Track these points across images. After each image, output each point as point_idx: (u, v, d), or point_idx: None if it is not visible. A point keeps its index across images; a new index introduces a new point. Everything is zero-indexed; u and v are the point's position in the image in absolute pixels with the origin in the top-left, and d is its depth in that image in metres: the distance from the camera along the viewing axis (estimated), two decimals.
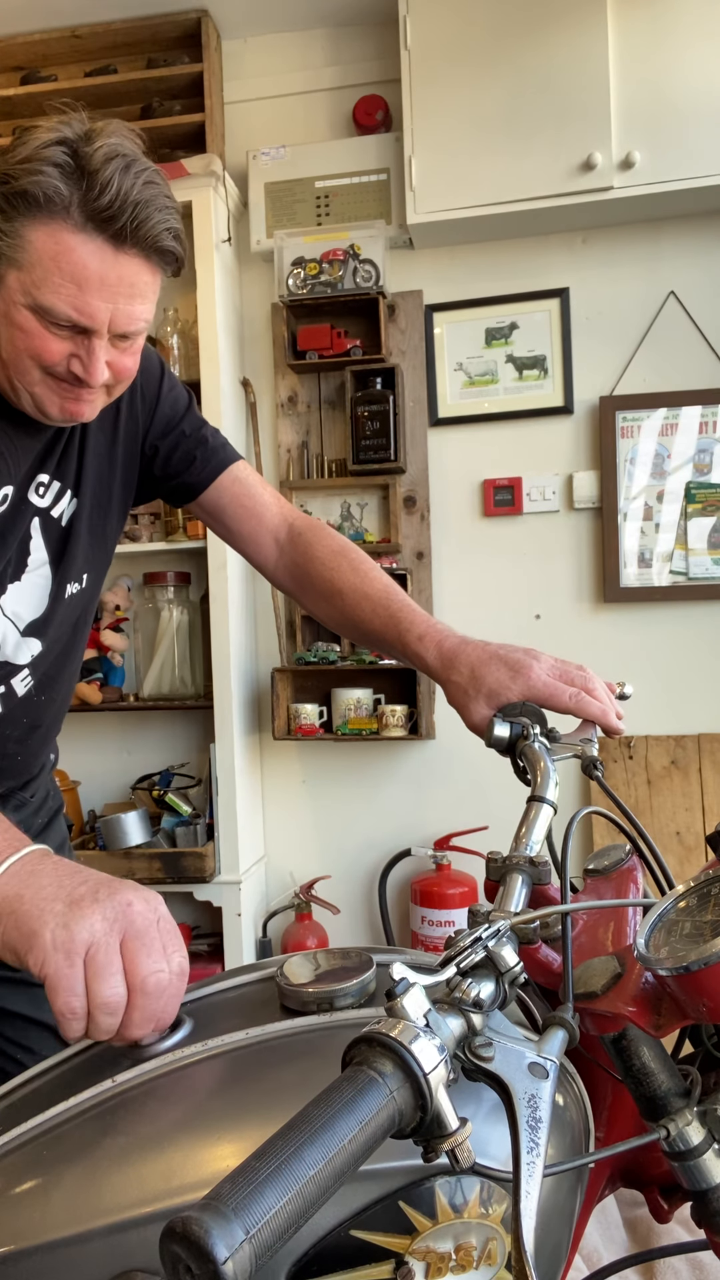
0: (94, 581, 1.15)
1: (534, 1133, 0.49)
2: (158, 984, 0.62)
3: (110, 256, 0.87)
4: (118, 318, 0.90)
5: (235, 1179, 0.40)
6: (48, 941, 0.62)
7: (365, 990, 0.68)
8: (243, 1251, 0.38)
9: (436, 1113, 0.47)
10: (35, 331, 0.88)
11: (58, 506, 1.06)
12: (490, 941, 0.55)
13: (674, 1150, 0.67)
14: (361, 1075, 0.46)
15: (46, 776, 1.28)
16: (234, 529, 1.20)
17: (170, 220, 0.89)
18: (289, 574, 1.19)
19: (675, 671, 2.60)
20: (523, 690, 0.92)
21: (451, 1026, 0.51)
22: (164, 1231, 0.38)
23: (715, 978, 0.57)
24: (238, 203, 2.73)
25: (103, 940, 0.62)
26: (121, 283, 0.88)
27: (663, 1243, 1.81)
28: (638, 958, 0.61)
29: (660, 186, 2.34)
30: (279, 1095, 0.60)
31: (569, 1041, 0.56)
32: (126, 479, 1.15)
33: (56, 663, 1.14)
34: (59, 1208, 0.57)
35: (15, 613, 1.05)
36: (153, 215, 0.87)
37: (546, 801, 0.76)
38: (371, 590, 1.10)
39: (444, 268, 2.69)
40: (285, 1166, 0.41)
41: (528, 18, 2.37)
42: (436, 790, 2.74)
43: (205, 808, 2.63)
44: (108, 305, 0.88)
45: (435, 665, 1.00)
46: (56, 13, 2.58)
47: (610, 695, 0.94)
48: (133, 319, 0.91)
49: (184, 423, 1.16)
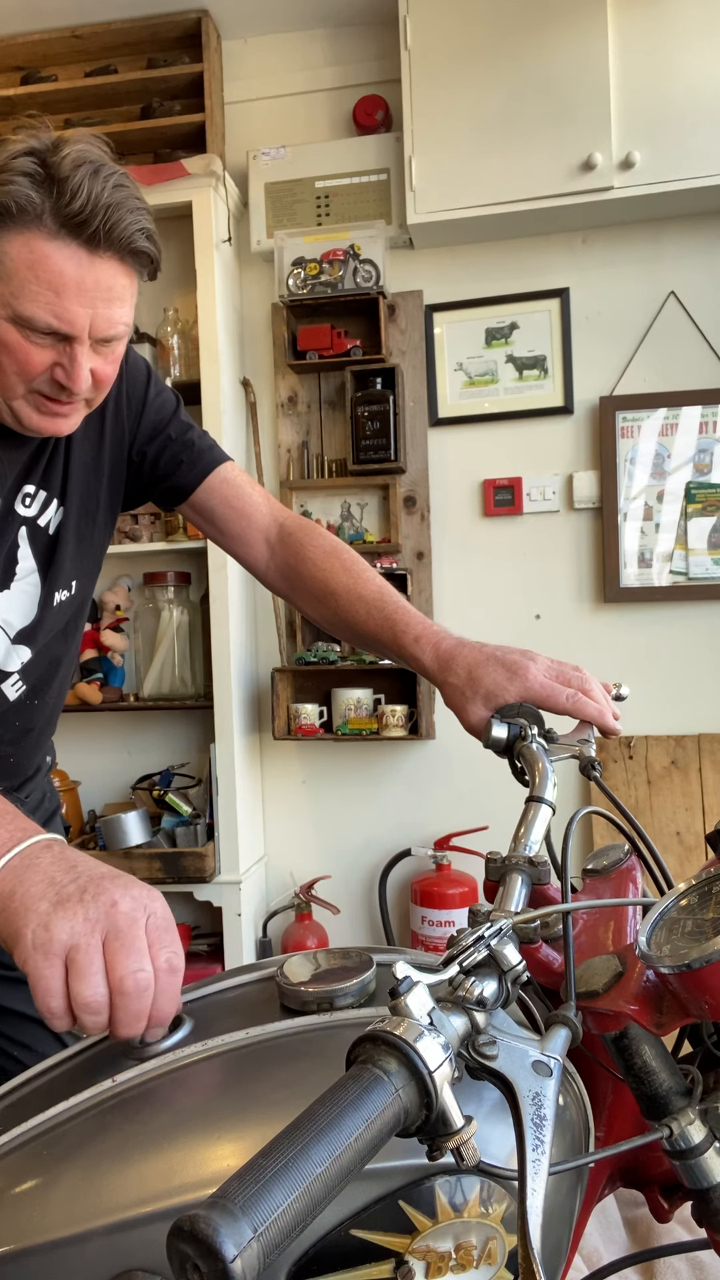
0: (83, 588, 1.15)
1: (538, 1130, 0.49)
2: (136, 984, 0.61)
3: (86, 261, 0.88)
4: (97, 322, 0.90)
5: (243, 1177, 0.40)
6: (28, 941, 0.62)
7: (365, 990, 0.68)
8: (251, 1250, 0.38)
9: (442, 1110, 0.47)
10: (17, 344, 0.89)
11: (44, 516, 1.07)
12: (493, 940, 0.55)
13: (675, 1149, 0.67)
14: (367, 1073, 0.46)
15: (43, 778, 1.28)
16: (224, 530, 1.20)
17: (142, 221, 0.90)
18: (280, 574, 1.19)
19: (675, 671, 2.60)
20: (520, 691, 0.92)
21: (455, 1025, 0.51)
22: (172, 1229, 0.38)
23: (716, 975, 0.57)
24: (238, 203, 2.73)
25: (83, 941, 0.61)
26: (99, 287, 0.89)
27: (663, 1242, 1.81)
28: (640, 956, 0.61)
29: (660, 186, 2.34)
30: (279, 1095, 0.60)
31: (572, 1040, 0.56)
32: (113, 486, 1.16)
33: (48, 668, 1.14)
34: (59, 1208, 0.57)
35: (6, 621, 1.06)
36: (125, 217, 0.87)
37: (545, 802, 0.76)
38: (365, 591, 1.09)
39: (444, 268, 2.69)
40: (292, 1164, 0.41)
41: (528, 18, 2.37)
42: (436, 790, 2.74)
43: (205, 808, 2.63)
44: (87, 310, 0.89)
45: (432, 667, 0.99)
46: (56, 13, 2.58)
47: (607, 696, 0.94)
48: (112, 323, 0.92)
49: (170, 427, 1.16)
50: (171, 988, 0.64)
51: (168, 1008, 0.64)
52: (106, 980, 0.61)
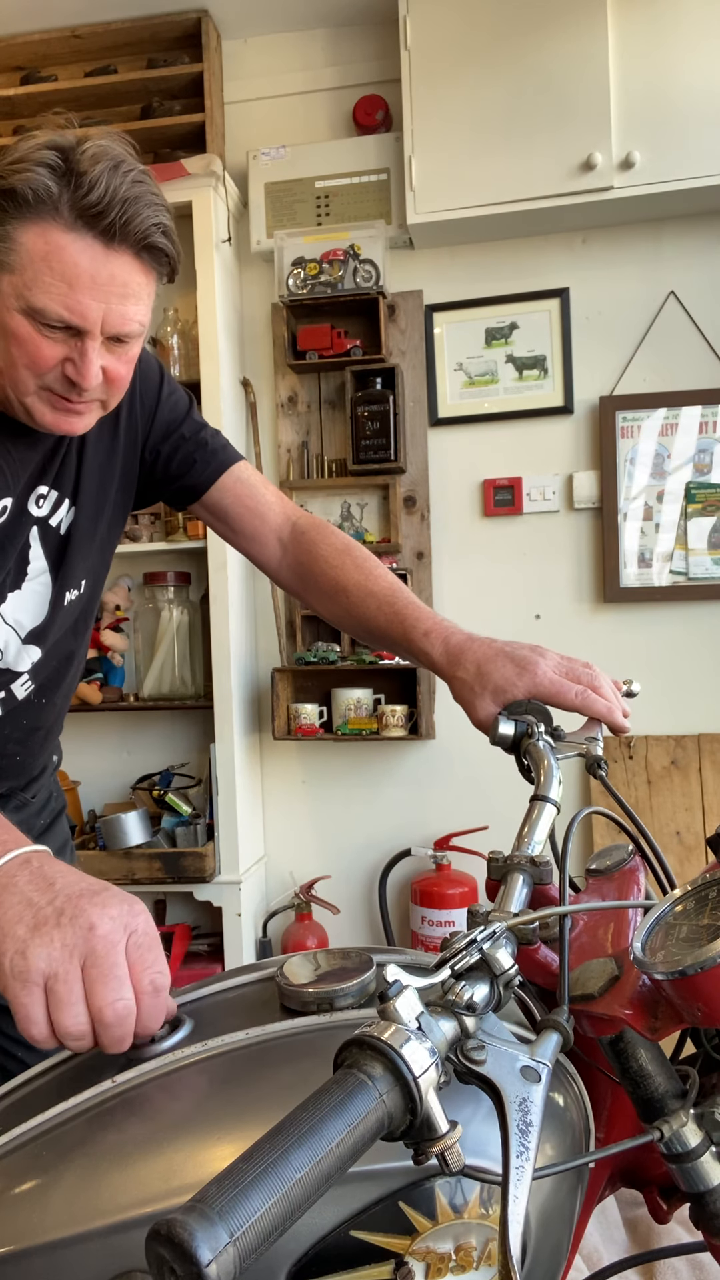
0: (93, 587, 1.15)
1: (524, 1137, 0.49)
2: (115, 1014, 0.60)
3: (100, 254, 0.87)
4: (110, 318, 0.90)
5: (221, 1182, 0.40)
6: (6, 969, 0.60)
7: (365, 990, 0.68)
8: (227, 1254, 0.38)
9: (427, 1116, 0.47)
10: (29, 336, 0.89)
11: (56, 515, 1.07)
12: (485, 944, 0.55)
13: (671, 1152, 0.67)
14: (351, 1078, 0.46)
15: (49, 778, 1.28)
16: (237, 529, 1.20)
17: (158, 216, 0.89)
18: (293, 573, 1.19)
19: (675, 671, 2.60)
20: (528, 687, 0.91)
21: (444, 1029, 0.50)
22: (149, 1233, 0.38)
23: (711, 982, 0.57)
24: (238, 203, 2.73)
25: (61, 969, 0.60)
26: (113, 281, 0.88)
27: (663, 1243, 1.81)
28: (634, 962, 0.61)
29: (660, 186, 2.34)
30: (279, 1095, 0.60)
31: (563, 1045, 0.55)
32: (125, 486, 1.15)
33: (58, 668, 1.14)
34: (58, 1208, 0.57)
35: (17, 620, 1.06)
36: (140, 211, 0.87)
37: (549, 801, 0.76)
38: (376, 588, 1.10)
39: (444, 268, 2.69)
40: (272, 1169, 0.41)
41: (528, 18, 2.37)
42: (436, 790, 2.74)
43: (205, 808, 2.63)
44: (100, 304, 0.88)
45: (441, 662, 0.99)
46: (56, 13, 2.58)
47: (617, 693, 0.94)
48: (125, 320, 0.91)
49: (184, 426, 1.16)
50: (155, 1009, 0.63)
51: (152, 1025, 0.63)
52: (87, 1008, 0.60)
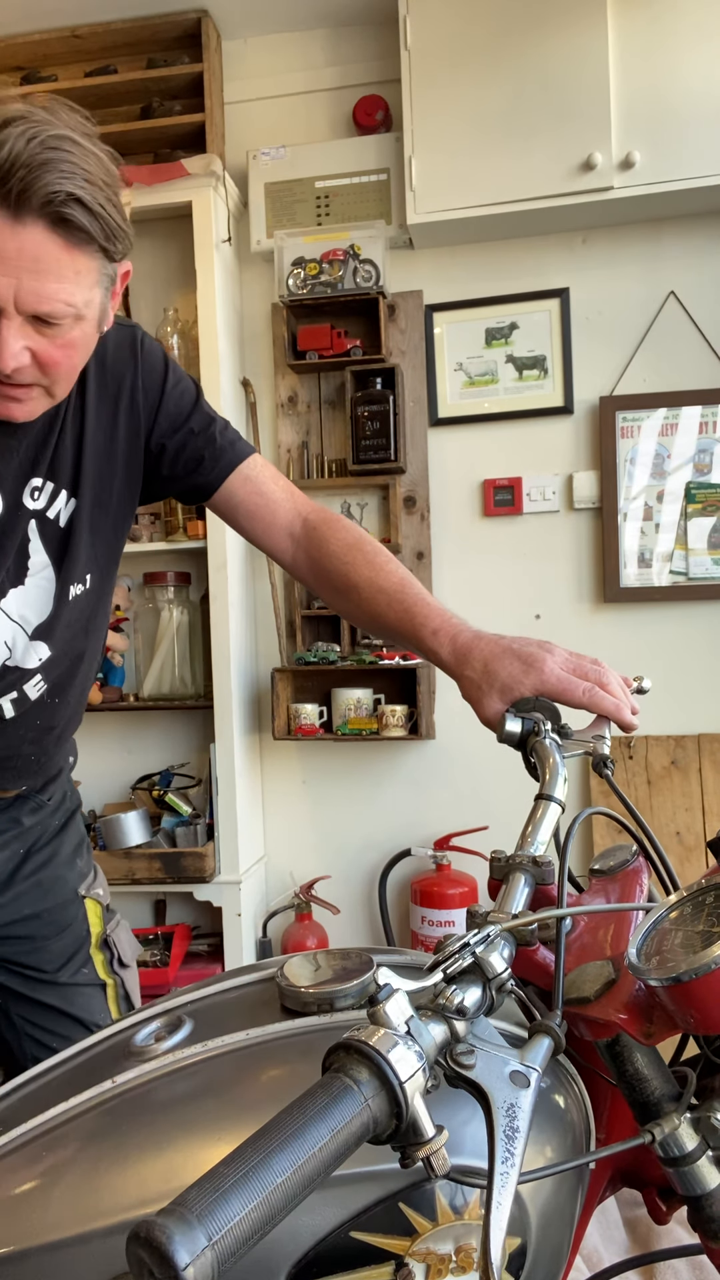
0: (99, 581, 1.13)
1: (510, 1143, 0.49)
2: None
3: (6, 227, 0.81)
4: (24, 295, 0.84)
5: (201, 1185, 0.40)
6: None
7: (365, 991, 0.68)
8: (204, 1258, 0.38)
9: (413, 1120, 0.47)
10: None
11: (54, 508, 1.05)
12: (479, 947, 0.55)
13: (667, 1155, 0.66)
14: (336, 1082, 0.46)
15: (65, 778, 1.27)
16: (248, 527, 1.18)
17: (69, 185, 0.81)
18: (306, 569, 1.17)
19: (675, 671, 2.60)
20: (535, 685, 0.90)
21: (434, 1033, 0.50)
22: (129, 1236, 0.38)
23: (705, 989, 0.56)
24: (238, 203, 2.73)
25: None
26: (23, 255, 0.82)
27: (663, 1244, 1.81)
28: (629, 967, 0.61)
29: (660, 186, 2.34)
30: (279, 1096, 0.60)
31: (554, 1050, 0.55)
32: (129, 477, 1.12)
33: (69, 667, 1.12)
34: (59, 1208, 0.57)
35: (22, 616, 1.05)
36: (44, 177, 0.79)
37: (554, 800, 0.76)
38: (386, 584, 1.09)
39: (444, 268, 2.69)
40: (253, 1173, 0.41)
41: (528, 18, 2.37)
42: (436, 790, 2.74)
43: (205, 808, 2.63)
44: (10, 280, 0.83)
45: (449, 660, 0.98)
46: (56, 13, 2.58)
47: (625, 690, 0.93)
48: (42, 298, 0.84)
49: (192, 420, 1.13)
50: None
51: None
52: None
